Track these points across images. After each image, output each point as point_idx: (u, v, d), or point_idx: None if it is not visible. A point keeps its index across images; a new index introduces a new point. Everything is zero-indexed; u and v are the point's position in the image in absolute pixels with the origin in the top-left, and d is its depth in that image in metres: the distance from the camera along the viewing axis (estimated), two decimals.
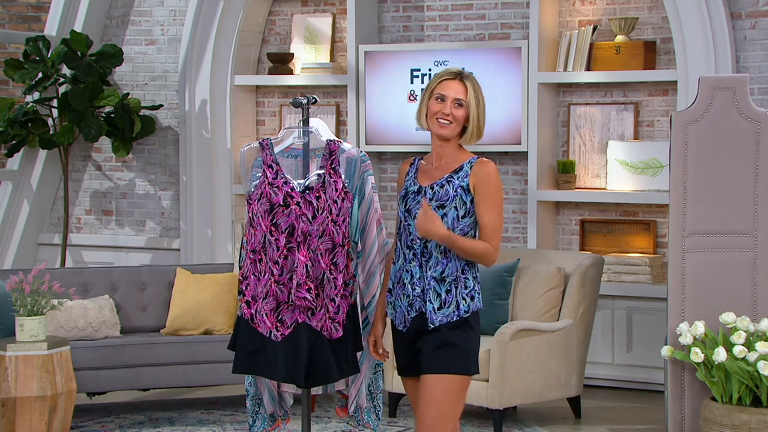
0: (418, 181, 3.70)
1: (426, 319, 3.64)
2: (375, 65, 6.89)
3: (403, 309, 3.69)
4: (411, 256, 3.67)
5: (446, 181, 3.65)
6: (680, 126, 5.02)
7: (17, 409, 5.02)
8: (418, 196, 3.67)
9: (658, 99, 6.49)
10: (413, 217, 3.65)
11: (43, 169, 7.70)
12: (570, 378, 5.63)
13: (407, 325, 3.68)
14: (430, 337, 3.63)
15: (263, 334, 3.94)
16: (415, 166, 3.75)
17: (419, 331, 3.67)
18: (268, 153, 3.98)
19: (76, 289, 5.90)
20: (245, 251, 3.99)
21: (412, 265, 3.66)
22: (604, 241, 6.59)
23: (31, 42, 7.07)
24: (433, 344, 3.63)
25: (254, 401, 4.20)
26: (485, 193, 3.65)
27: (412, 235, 3.66)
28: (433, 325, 3.63)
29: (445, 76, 3.66)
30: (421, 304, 3.65)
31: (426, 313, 3.64)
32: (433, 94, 3.66)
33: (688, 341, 4.86)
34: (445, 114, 3.63)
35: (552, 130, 6.69)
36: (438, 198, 3.64)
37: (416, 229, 3.60)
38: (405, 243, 3.69)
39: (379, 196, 7.02)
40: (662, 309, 6.10)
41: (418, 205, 3.66)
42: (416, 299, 3.66)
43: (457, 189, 3.64)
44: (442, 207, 3.64)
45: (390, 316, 3.75)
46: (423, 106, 3.69)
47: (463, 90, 3.64)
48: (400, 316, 3.70)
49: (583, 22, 6.62)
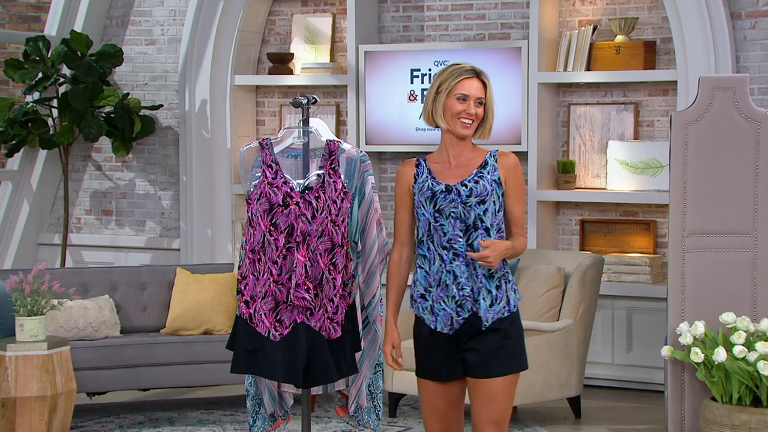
0: (441, 181, 3.61)
1: (479, 318, 3.56)
2: (375, 65, 6.90)
3: (449, 311, 3.57)
4: (451, 256, 3.57)
5: (477, 176, 3.59)
6: (680, 126, 5.02)
7: (17, 409, 5.02)
8: (449, 195, 3.57)
9: (658, 99, 6.49)
10: (446, 217, 3.57)
11: (43, 169, 7.70)
12: (570, 378, 5.63)
13: (455, 328, 3.58)
14: (486, 338, 3.55)
15: (262, 334, 3.94)
16: (425, 167, 3.64)
17: (470, 332, 3.57)
18: (268, 153, 3.99)
19: (76, 289, 5.90)
20: (244, 251, 3.99)
21: (453, 265, 3.57)
22: (604, 241, 6.59)
23: (31, 42, 7.08)
24: (491, 346, 3.55)
25: (254, 401, 4.20)
26: (516, 184, 3.62)
27: (448, 235, 3.57)
28: (487, 323, 3.56)
29: (464, 74, 3.58)
30: (472, 304, 3.56)
31: (479, 313, 3.55)
32: (452, 93, 3.57)
33: (688, 341, 4.86)
34: (470, 114, 3.57)
35: (552, 130, 6.70)
36: (477, 194, 3.57)
37: (486, 263, 3.49)
38: (439, 244, 3.58)
39: (379, 196, 7.02)
40: (662, 309, 6.10)
41: (451, 204, 3.57)
42: (466, 300, 3.56)
43: (492, 183, 3.59)
44: (482, 203, 3.57)
45: (427, 321, 3.60)
46: (438, 104, 3.59)
47: (483, 88, 3.60)
48: (445, 319, 3.58)
49: (583, 22, 6.62)
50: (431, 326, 3.61)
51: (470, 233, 3.57)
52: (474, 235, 3.57)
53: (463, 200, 3.58)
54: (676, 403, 5.01)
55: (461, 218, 3.58)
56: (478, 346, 3.57)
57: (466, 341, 3.59)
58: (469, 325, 3.58)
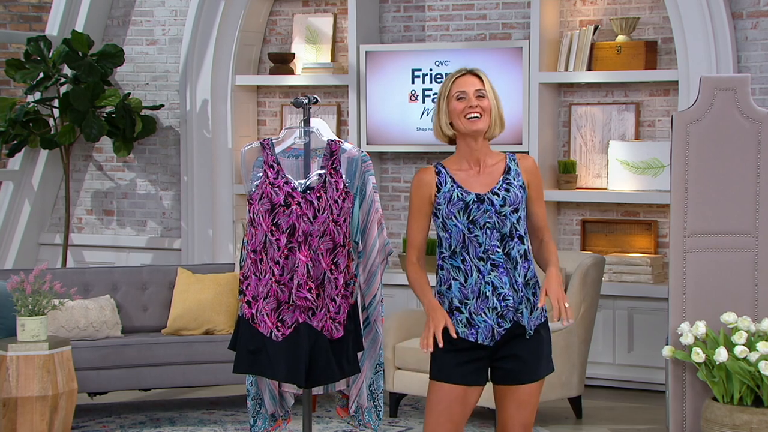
0: (470, 190, 3.56)
1: (522, 327, 3.54)
2: (376, 65, 6.91)
3: (490, 323, 3.53)
4: (489, 267, 3.53)
5: (506, 184, 3.57)
6: (681, 126, 5.03)
7: (18, 409, 5.03)
8: (482, 205, 3.53)
9: (659, 99, 6.50)
10: (481, 227, 3.52)
11: (44, 169, 7.71)
12: (571, 378, 5.65)
13: (496, 339, 3.55)
14: (526, 345, 3.54)
15: (264, 334, 3.95)
16: (446, 175, 3.58)
17: (505, 340, 3.55)
18: (269, 153, 4.00)
19: (77, 289, 5.92)
20: (246, 251, 4.01)
21: (492, 276, 3.53)
22: (605, 241, 6.60)
23: (32, 42, 7.09)
24: (530, 352, 3.54)
25: (255, 401, 4.20)
26: (538, 187, 3.63)
27: (484, 246, 3.53)
28: (531, 332, 3.55)
29: (456, 74, 3.58)
30: (513, 314, 3.54)
31: (524, 323, 3.54)
32: (451, 96, 3.55)
33: (689, 341, 4.87)
34: (472, 107, 3.53)
35: (553, 130, 6.70)
36: (511, 202, 3.54)
37: (563, 303, 3.46)
38: (475, 255, 3.53)
39: (380, 196, 7.04)
40: (663, 309, 6.11)
41: (486, 215, 3.53)
42: (509, 311, 3.54)
43: (519, 189, 3.58)
44: (516, 211, 3.55)
45: (462, 335, 3.54)
46: (442, 113, 3.57)
47: (479, 81, 3.57)
48: (486, 331, 3.54)
49: (584, 22, 6.63)
50: (469, 339, 3.55)
51: (507, 242, 3.55)
52: (510, 244, 3.54)
53: (497, 210, 3.54)
54: (677, 404, 5.02)
55: (497, 228, 3.54)
56: (519, 353, 3.55)
57: (503, 349, 3.56)
58: (510, 335, 3.56)
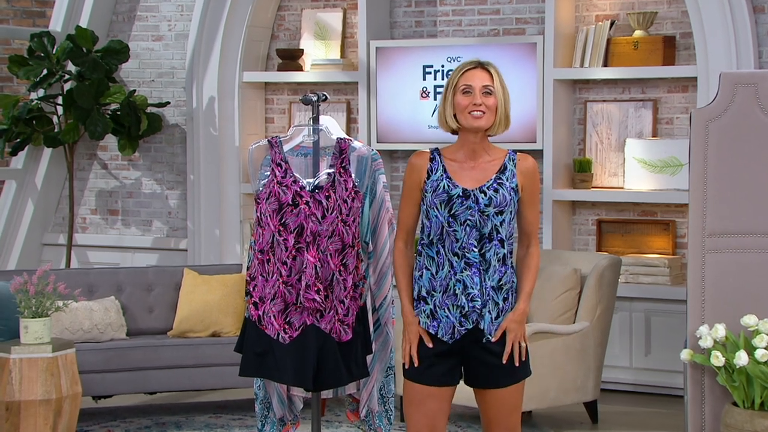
0: (458, 183, 3.54)
1: (482, 331, 3.53)
2: (386, 61, 6.88)
3: (452, 320, 3.53)
4: (463, 264, 3.52)
5: (497, 184, 3.53)
6: (700, 123, 4.99)
7: (21, 413, 5.02)
8: (466, 201, 3.51)
9: (677, 96, 6.47)
10: (460, 223, 3.51)
11: (48, 167, 7.71)
12: (587, 382, 5.61)
13: (456, 338, 3.54)
14: (493, 350, 3.53)
15: (271, 337, 3.93)
16: (440, 163, 3.56)
17: (472, 341, 3.54)
18: (277, 151, 3.98)
19: (82, 291, 5.91)
20: (253, 251, 3.99)
21: (464, 274, 3.51)
22: (621, 241, 6.58)
23: (35, 38, 7.09)
24: (497, 357, 3.54)
25: (263, 405, 4.19)
26: (533, 190, 3.58)
27: (461, 242, 3.51)
28: (490, 337, 3.53)
29: (466, 66, 3.54)
30: (477, 317, 3.53)
31: (483, 327, 3.53)
32: (457, 88, 3.51)
33: (709, 344, 4.84)
34: (477, 104, 3.49)
35: (568, 128, 6.67)
36: (496, 204, 3.51)
37: (517, 341, 3.52)
38: (450, 250, 3.52)
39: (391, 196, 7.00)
40: (681, 311, 6.07)
41: (468, 211, 3.50)
42: (473, 312, 3.52)
43: (510, 191, 3.54)
44: (500, 213, 3.52)
45: (423, 325, 3.56)
46: (447, 105, 3.54)
47: (489, 77, 3.52)
48: (447, 327, 3.54)
49: (601, 17, 6.60)
50: (430, 330, 3.57)
51: (484, 243, 3.53)
52: (488, 246, 3.52)
53: (480, 209, 3.52)
54: (696, 409, 4.99)
55: (477, 227, 3.53)
56: (485, 358, 3.55)
57: (470, 351, 3.56)
58: (470, 337, 3.55)
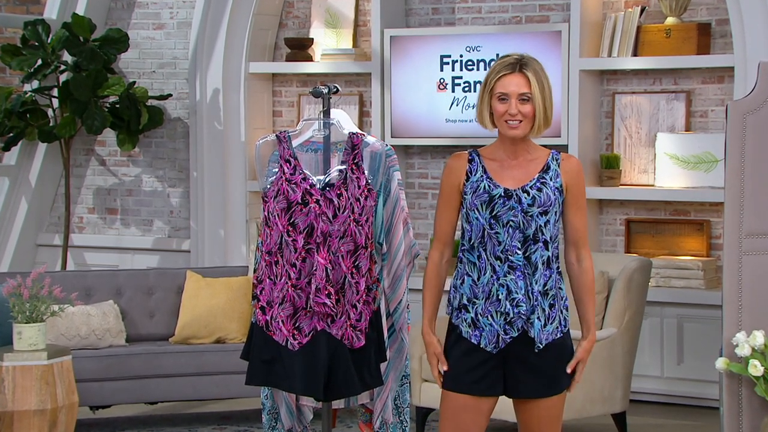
0: (499, 183, 3.57)
1: (530, 339, 3.55)
2: (401, 51, 6.90)
3: (496, 328, 3.54)
4: (506, 268, 3.54)
5: (540, 183, 3.56)
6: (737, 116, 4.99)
7: (15, 424, 5.06)
8: (509, 201, 3.54)
9: (712, 87, 6.46)
10: (503, 225, 3.54)
11: (43, 164, 7.75)
12: (615, 392, 5.62)
13: (500, 346, 3.56)
14: (539, 360, 3.55)
15: (279, 343, 3.95)
16: (479, 164, 3.60)
17: (516, 351, 3.56)
18: (286, 147, 4.00)
19: (78, 294, 5.93)
20: (260, 253, 4.00)
21: (508, 278, 3.54)
22: (652, 242, 6.58)
23: (29, 26, 7.13)
24: (545, 369, 3.56)
25: (271, 415, 4.21)
26: (579, 193, 3.61)
27: (504, 244, 3.53)
28: (540, 345, 3.55)
29: (503, 70, 3.55)
30: (524, 323, 3.55)
31: (532, 334, 3.55)
32: (494, 93, 3.55)
33: (746, 353, 4.83)
34: (512, 115, 3.53)
35: (595, 122, 6.68)
36: (540, 203, 3.54)
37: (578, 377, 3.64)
38: (492, 253, 3.55)
39: (406, 194, 7.02)
40: (717, 317, 6.07)
41: (510, 212, 3.54)
42: (518, 318, 3.54)
43: (554, 191, 3.57)
44: (545, 213, 3.55)
45: (465, 335, 3.58)
46: (484, 106, 3.58)
47: (526, 82, 3.54)
48: (491, 335, 3.55)
49: (630, 3, 6.60)
50: (472, 341, 3.58)
51: (528, 245, 3.55)
52: (533, 248, 3.55)
53: (524, 209, 3.54)
54: (732, 421, 4.98)
55: (520, 228, 3.55)
56: (531, 368, 3.57)
57: (514, 361, 3.57)
58: (517, 345, 3.56)
